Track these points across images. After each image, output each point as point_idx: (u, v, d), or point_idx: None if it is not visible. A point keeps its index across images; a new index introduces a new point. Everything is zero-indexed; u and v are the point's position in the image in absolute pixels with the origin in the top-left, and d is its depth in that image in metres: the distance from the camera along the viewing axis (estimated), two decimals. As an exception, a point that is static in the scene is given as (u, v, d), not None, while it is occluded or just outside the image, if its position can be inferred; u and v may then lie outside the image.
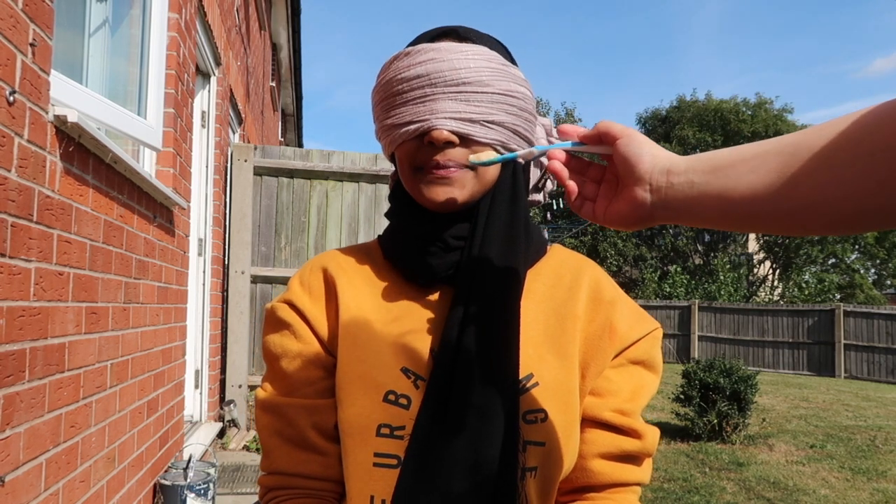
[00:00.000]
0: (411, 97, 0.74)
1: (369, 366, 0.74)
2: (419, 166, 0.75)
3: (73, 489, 1.86)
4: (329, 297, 0.81)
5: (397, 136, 0.75)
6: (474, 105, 0.73)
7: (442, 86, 0.73)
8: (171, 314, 3.04)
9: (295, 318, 0.80)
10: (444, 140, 0.72)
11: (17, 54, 1.48)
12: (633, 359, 0.80)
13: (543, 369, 0.75)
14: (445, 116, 0.72)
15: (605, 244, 24.81)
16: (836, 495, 4.65)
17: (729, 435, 6.12)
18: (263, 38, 7.56)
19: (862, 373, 13.57)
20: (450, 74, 0.73)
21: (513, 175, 0.79)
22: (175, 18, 2.94)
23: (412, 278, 0.79)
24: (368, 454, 0.72)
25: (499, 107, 0.74)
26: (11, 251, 1.47)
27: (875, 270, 28.73)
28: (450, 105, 0.73)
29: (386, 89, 0.76)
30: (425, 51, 0.74)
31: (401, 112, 0.75)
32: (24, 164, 1.53)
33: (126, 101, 2.59)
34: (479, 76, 0.73)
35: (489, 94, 0.74)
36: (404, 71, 0.74)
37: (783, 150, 0.50)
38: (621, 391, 0.78)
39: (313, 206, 5.17)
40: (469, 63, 0.73)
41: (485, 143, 0.74)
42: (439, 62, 0.73)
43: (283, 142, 12.46)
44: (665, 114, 27.47)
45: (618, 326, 0.79)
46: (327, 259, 0.85)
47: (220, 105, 4.64)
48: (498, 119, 0.74)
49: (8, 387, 1.46)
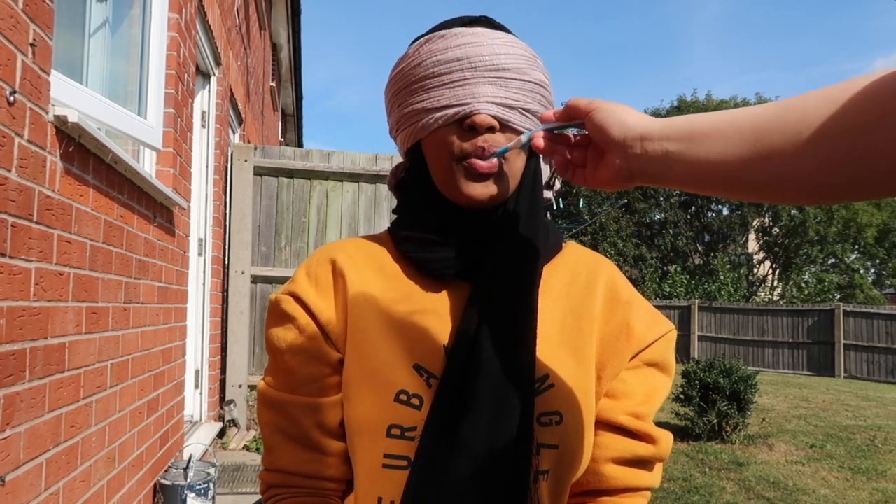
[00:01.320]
0: (449, 80, 0.71)
1: (380, 363, 0.72)
2: (462, 156, 0.72)
3: (73, 489, 1.86)
4: (337, 290, 0.77)
5: (431, 120, 0.72)
6: (513, 91, 0.72)
7: (482, 70, 0.71)
8: (172, 314, 3.04)
9: (299, 312, 0.76)
10: (488, 125, 0.70)
11: (18, 54, 1.48)
12: (648, 361, 0.78)
13: (560, 370, 0.73)
14: (487, 100, 0.71)
15: (605, 244, 24.81)
16: (836, 495, 4.65)
17: (729, 435, 6.12)
18: (263, 38, 7.56)
19: (862, 373, 13.57)
20: (490, 59, 0.71)
21: (534, 172, 0.78)
22: (175, 18, 2.94)
23: (428, 271, 0.76)
24: (378, 455, 0.70)
25: (532, 96, 0.74)
26: (11, 251, 1.47)
27: (875, 270, 28.73)
28: (490, 90, 0.71)
29: (416, 73, 0.73)
30: (463, 34, 0.72)
31: (436, 95, 0.72)
32: (25, 164, 1.53)
33: (126, 101, 2.59)
34: (517, 63, 0.72)
35: (526, 81, 0.73)
36: (440, 53, 0.72)
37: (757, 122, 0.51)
38: (636, 394, 0.77)
39: (313, 206, 5.17)
40: (508, 49, 0.72)
41: (520, 132, 0.73)
42: (479, 46, 0.71)
43: (283, 142, 12.46)
44: (665, 114, 27.47)
45: (635, 327, 0.78)
46: (336, 250, 0.80)
47: (220, 105, 4.64)
48: (532, 108, 0.73)
49: (8, 387, 1.47)
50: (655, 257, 25.95)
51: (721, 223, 25.85)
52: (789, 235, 25.28)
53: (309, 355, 0.75)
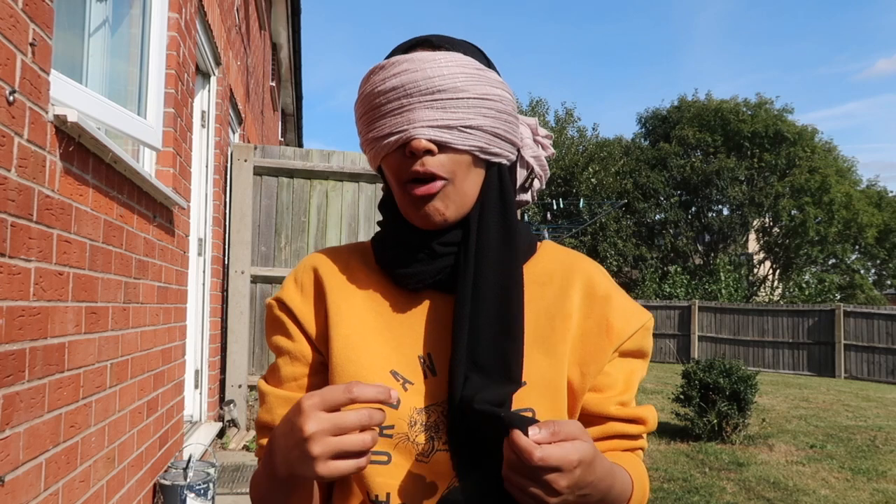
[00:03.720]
0: (389, 109, 0.75)
1: (360, 367, 0.78)
2: (406, 180, 0.76)
3: (72, 489, 1.86)
4: (319, 297, 0.84)
5: (380, 148, 0.77)
6: (451, 112, 0.74)
7: (417, 95, 0.74)
8: (171, 314, 3.04)
9: (285, 317, 0.84)
10: (423, 149, 0.73)
11: (17, 54, 1.48)
12: (626, 351, 0.83)
13: (531, 368, 0.77)
14: (422, 125, 0.74)
15: (605, 244, 24.81)
16: (836, 495, 4.65)
17: (729, 435, 6.12)
18: (263, 37, 7.56)
19: (862, 373, 13.57)
20: (424, 83, 0.74)
21: (499, 178, 0.80)
22: (175, 18, 2.94)
23: (403, 286, 0.81)
24: None
25: (476, 111, 0.75)
26: (11, 251, 1.47)
27: (875, 270, 28.73)
28: (426, 114, 0.74)
29: (365, 103, 0.78)
30: (399, 62, 0.75)
31: (381, 125, 0.76)
32: (24, 164, 1.53)
33: (126, 101, 2.59)
34: (454, 83, 0.74)
35: (465, 99, 0.74)
36: (380, 84, 0.76)
37: None
38: (617, 383, 0.81)
39: (313, 206, 5.17)
40: (442, 70, 0.74)
41: (463, 150, 0.75)
42: (413, 72, 0.74)
43: (283, 142, 12.46)
44: (665, 114, 27.46)
45: (614, 323, 0.81)
46: (319, 260, 0.87)
47: (220, 105, 4.64)
48: (476, 123, 0.75)
49: (8, 387, 1.46)
50: (655, 257, 25.94)
51: (721, 223, 25.83)
52: (790, 235, 25.27)
53: (292, 357, 0.83)
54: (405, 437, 0.75)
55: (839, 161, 26.70)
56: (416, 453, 0.75)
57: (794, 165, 24.87)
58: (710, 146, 25.47)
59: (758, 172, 25.39)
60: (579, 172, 25.33)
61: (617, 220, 25.36)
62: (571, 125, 27.79)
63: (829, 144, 26.51)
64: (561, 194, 24.95)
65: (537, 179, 0.88)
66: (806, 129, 25.58)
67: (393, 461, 0.75)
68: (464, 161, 0.75)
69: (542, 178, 0.87)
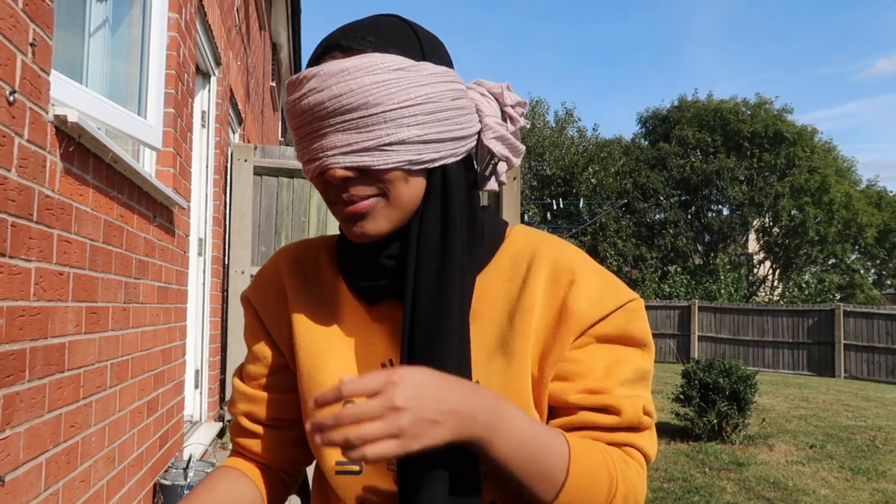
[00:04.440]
0: (303, 134, 0.70)
1: (327, 375, 0.77)
2: (334, 201, 0.73)
3: (73, 489, 1.86)
4: (281, 298, 0.83)
5: (306, 171, 0.72)
6: (365, 132, 0.67)
7: (327, 118, 0.67)
8: (171, 314, 3.04)
9: (250, 315, 0.86)
10: (340, 178, 0.68)
11: (17, 54, 1.48)
12: (601, 335, 0.74)
13: (490, 374, 0.73)
14: (336, 153, 0.68)
15: (605, 244, 24.81)
16: (836, 495, 4.65)
17: (729, 435, 6.12)
18: (263, 38, 7.56)
19: (862, 373, 13.57)
20: (331, 104, 0.67)
21: (443, 182, 0.73)
22: (175, 18, 2.94)
23: (360, 297, 0.79)
24: (331, 463, 0.76)
25: (395, 124, 0.67)
26: (11, 251, 1.47)
27: (875, 270, 28.74)
28: (339, 138, 0.67)
29: (289, 123, 0.73)
30: (307, 79, 0.68)
31: (300, 148, 0.72)
32: (24, 164, 1.53)
33: (126, 101, 2.59)
34: (364, 98, 0.66)
35: (380, 114, 0.67)
36: (293, 105, 0.70)
37: None
38: (592, 371, 0.73)
39: (313, 206, 5.17)
40: (350, 85, 0.66)
41: (386, 170, 0.68)
42: (318, 92, 0.67)
43: (283, 142, 12.46)
44: (666, 113, 27.46)
45: (573, 306, 0.73)
46: (286, 258, 0.85)
47: (220, 105, 4.65)
48: (397, 138, 0.67)
49: (8, 387, 1.47)
50: (655, 257, 25.94)
51: (721, 223, 25.84)
52: (789, 235, 25.28)
53: (253, 355, 0.85)
54: None
55: (839, 161, 26.72)
56: (386, 462, 0.73)
57: (794, 165, 24.88)
58: (710, 146, 25.47)
59: (757, 172, 25.39)
60: (579, 172, 25.34)
61: (617, 220, 25.37)
62: (571, 125, 27.82)
63: (828, 144, 26.54)
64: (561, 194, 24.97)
65: (503, 161, 0.78)
66: (806, 129, 25.59)
67: (364, 471, 0.75)
68: (393, 177, 0.69)
69: (509, 159, 0.78)
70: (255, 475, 0.84)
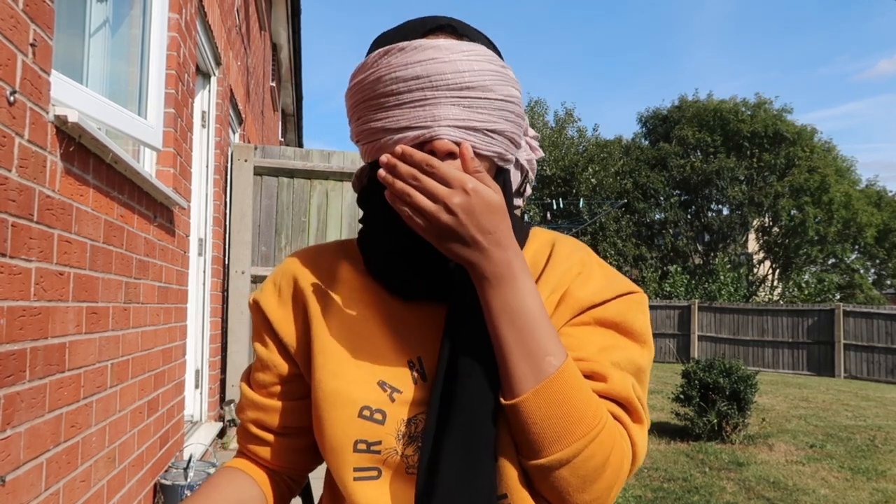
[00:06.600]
0: (409, 99, 0.67)
1: (345, 381, 0.73)
2: None
3: (73, 489, 1.86)
4: (298, 304, 0.80)
5: (390, 141, 0.68)
6: (477, 112, 0.67)
7: (444, 89, 0.66)
8: (172, 314, 3.04)
9: (260, 321, 0.83)
10: (448, 151, 0.66)
11: (18, 54, 1.48)
12: (602, 319, 0.74)
13: None
14: (448, 124, 0.66)
15: (605, 244, 24.81)
16: (836, 495, 4.65)
17: (729, 435, 6.13)
18: (263, 38, 7.56)
19: (861, 373, 13.57)
20: (453, 78, 0.66)
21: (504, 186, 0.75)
22: (175, 18, 2.94)
23: (396, 293, 0.76)
24: (349, 470, 0.72)
25: (500, 114, 0.69)
26: (12, 251, 1.47)
27: (875, 270, 28.74)
28: (452, 111, 0.66)
29: (375, 88, 0.69)
30: (424, 48, 0.67)
31: (395, 115, 0.68)
32: (25, 164, 1.53)
33: (126, 102, 2.59)
34: (483, 80, 0.67)
35: (492, 100, 0.68)
36: (399, 69, 0.67)
37: None
38: (583, 347, 0.72)
39: (313, 206, 5.17)
40: (473, 65, 0.67)
41: (485, 156, 0.69)
42: (441, 62, 0.66)
43: (283, 142, 12.46)
44: (666, 113, 27.46)
45: (575, 292, 0.75)
46: (301, 263, 0.83)
47: (220, 105, 4.65)
48: (499, 128, 0.69)
49: (8, 387, 1.47)
50: (655, 257, 25.94)
51: (721, 223, 25.85)
52: (789, 235, 25.29)
53: (263, 363, 0.82)
54: (393, 451, 0.72)
55: (838, 161, 26.72)
56: (405, 466, 0.72)
57: (794, 165, 24.89)
58: (710, 146, 25.48)
59: (757, 172, 25.40)
60: (579, 172, 25.33)
61: (617, 219, 25.37)
62: (571, 125, 27.80)
63: (828, 144, 26.54)
64: (561, 194, 24.95)
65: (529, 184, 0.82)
66: (805, 128, 25.60)
67: (382, 476, 0.72)
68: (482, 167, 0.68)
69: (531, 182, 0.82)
70: (262, 478, 0.83)
